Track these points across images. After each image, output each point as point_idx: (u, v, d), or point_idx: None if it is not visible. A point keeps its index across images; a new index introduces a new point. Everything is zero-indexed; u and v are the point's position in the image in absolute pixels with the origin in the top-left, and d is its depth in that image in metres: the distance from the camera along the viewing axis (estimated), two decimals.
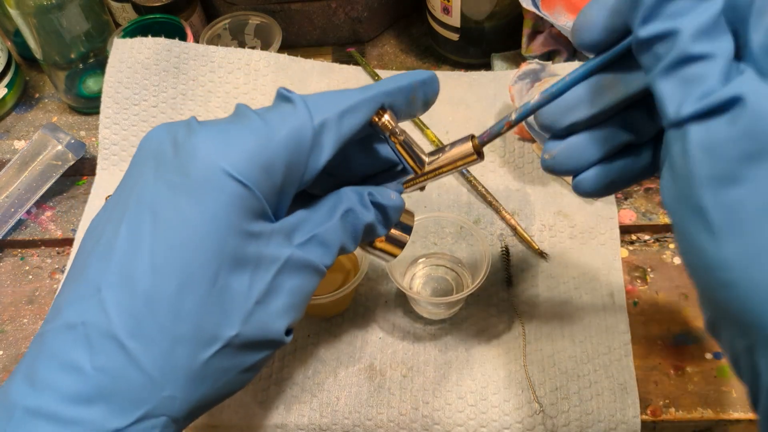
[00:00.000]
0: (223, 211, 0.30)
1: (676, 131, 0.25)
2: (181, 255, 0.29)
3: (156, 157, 0.31)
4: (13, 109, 0.70)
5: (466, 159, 0.36)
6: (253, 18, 0.68)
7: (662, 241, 0.56)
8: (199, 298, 0.29)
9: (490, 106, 0.63)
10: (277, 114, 0.32)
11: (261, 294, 0.31)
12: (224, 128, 0.31)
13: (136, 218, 0.30)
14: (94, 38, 0.66)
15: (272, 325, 0.32)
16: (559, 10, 0.61)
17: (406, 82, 0.34)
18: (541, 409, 0.47)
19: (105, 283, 0.29)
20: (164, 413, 0.29)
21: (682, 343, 0.50)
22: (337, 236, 0.34)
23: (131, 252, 0.29)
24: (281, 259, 0.32)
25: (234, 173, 0.30)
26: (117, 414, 0.28)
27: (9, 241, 0.60)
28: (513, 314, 0.52)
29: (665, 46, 0.26)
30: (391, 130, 0.35)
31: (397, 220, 0.37)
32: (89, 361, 0.28)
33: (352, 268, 0.52)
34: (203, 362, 0.30)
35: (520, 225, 0.56)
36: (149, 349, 0.29)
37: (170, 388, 0.29)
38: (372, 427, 0.47)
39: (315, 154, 0.32)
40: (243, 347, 0.31)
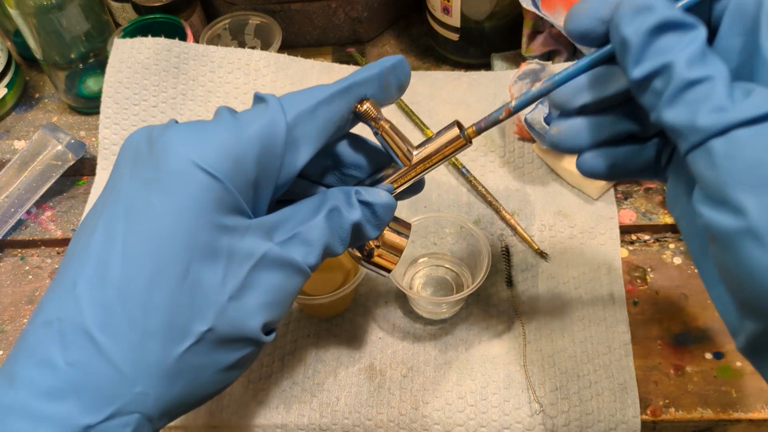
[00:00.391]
0: (193, 202, 0.29)
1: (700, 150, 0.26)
2: (152, 248, 0.29)
3: (133, 156, 0.31)
4: (13, 109, 0.70)
5: (453, 144, 0.35)
6: (253, 18, 0.68)
7: (662, 241, 0.56)
8: (169, 292, 0.29)
9: (490, 106, 0.63)
10: (250, 112, 0.32)
11: (235, 289, 0.31)
12: (197, 125, 0.31)
13: (112, 215, 0.30)
14: (94, 38, 0.66)
15: (247, 321, 0.31)
16: (559, 10, 0.61)
17: (377, 70, 0.34)
18: (541, 409, 0.47)
19: (80, 279, 0.29)
20: (136, 410, 0.29)
21: (682, 343, 0.50)
22: (320, 235, 0.33)
23: (105, 247, 0.30)
24: (257, 255, 0.31)
25: (203, 165, 0.29)
26: (88, 410, 0.28)
27: (9, 241, 0.60)
28: (513, 314, 0.52)
29: (662, 80, 0.27)
30: (373, 117, 0.34)
31: (388, 220, 0.36)
32: (62, 356, 0.28)
33: (352, 268, 0.52)
34: (176, 358, 0.29)
35: (520, 225, 0.56)
36: (119, 344, 0.28)
37: (142, 383, 0.29)
38: (372, 427, 0.47)
39: (292, 150, 0.32)
40: (218, 344, 0.31)
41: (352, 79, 0.34)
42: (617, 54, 0.29)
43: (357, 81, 0.34)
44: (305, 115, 0.32)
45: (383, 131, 0.35)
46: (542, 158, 0.60)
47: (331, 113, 0.33)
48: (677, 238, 0.56)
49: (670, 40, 0.27)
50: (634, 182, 0.59)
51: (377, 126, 0.35)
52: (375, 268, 0.39)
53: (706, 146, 0.26)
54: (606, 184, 0.56)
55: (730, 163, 0.25)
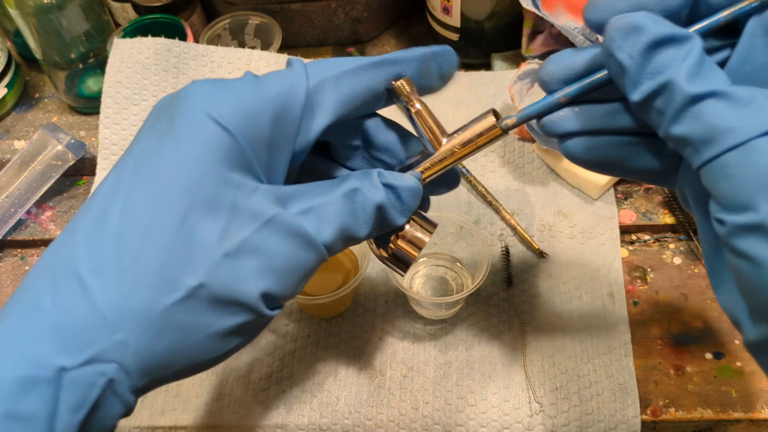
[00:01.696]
0: (199, 151, 0.29)
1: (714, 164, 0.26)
2: (152, 195, 0.29)
3: (156, 114, 0.31)
4: (13, 109, 0.70)
5: (488, 134, 0.34)
6: (253, 18, 0.68)
7: (662, 241, 0.56)
8: (163, 240, 0.28)
9: (490, 106, 0.63)
10: (273, 74, 0.31)
11: (233, 247, 0.29)
12: (217, 82, 0.31)
13: (122, 166, 0.30)
14: (94, 38, 0.66)
15: (242, 284, 0.29)
16: (559, 10, 0.61)
17: (416, 53, 0.33)
18: (541, 409, 0.47)
19: (80, 225, 0.29)
20: (114, 359, 0.28)
21: (682, 343, 0.50)
22: (337, 213, 0.32)
23: (109, 196, 0.29)
24: (263, 217, 0.30)
25: (216, 117, 0.29)
26: (65, 352, 0.27)
27: (9, 241, 0.60)
28: (513, 314, 0.52)
29: (664, 99, 0.27)
30: (406, 94, 0.33)
31: (414, 205, 0.34)
32: (50, 298, 0.28)
33: (352, 268, 0.52)
34: (162, 310, 0.28)
35: (520, 225, 0.56)
36: (107, 288, 0.28)
37: (123, 331, 0.28)
38: (372, 427, 0.47)
39: (311, 115, 0.31)
40: (210, 303, 0.29)
41: (387, 57, 0.33)
42: (614, 78, 0.29)
43: (391, 58, 0.33)
44: (329, 81, 0.31)
45: (416, 112, 0.34)
46: (542, 158, 0.60)
47: (358, 85, 0.32)
48: (677, 238, 0.56)
49: (665, 57, 0.26)
50: (635, 182, 0.59)
51: (410, 106, 0.33)
52: (391, 263, 0.36)
53: (721, 160, 0.25)
54: (606, 184, 0.56)
55: (747, 174, 0.25)
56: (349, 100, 0.32)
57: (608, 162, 0.32)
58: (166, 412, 0.48)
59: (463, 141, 0.34)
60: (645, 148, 0.31)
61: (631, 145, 0.31)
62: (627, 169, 0.32)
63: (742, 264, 0.26)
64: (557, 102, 0.32)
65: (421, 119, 0.34)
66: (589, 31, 0.60)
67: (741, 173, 0.25)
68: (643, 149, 0.31)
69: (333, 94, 0.31)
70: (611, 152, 0.32)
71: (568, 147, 0.32)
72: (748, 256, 0.25)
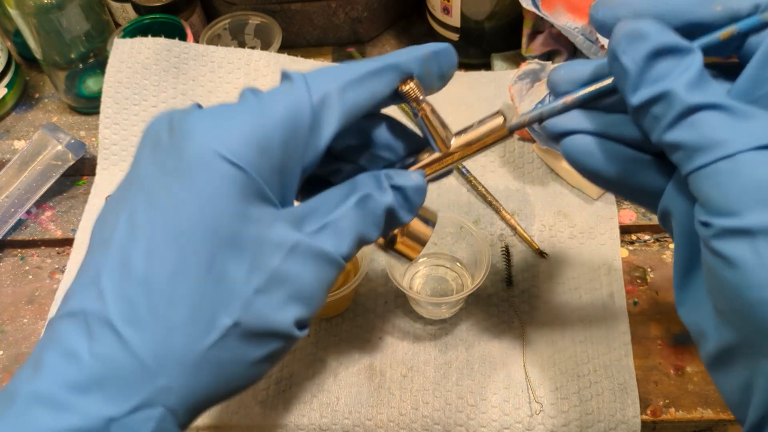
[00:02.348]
0: (217, 193, 0.29)
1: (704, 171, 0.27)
2: (174, 239, 0.29)
3: (153, 143, 0.31)
4: (13, 109, 0.70)
5: (495, 134, 0.34)
6: (253, 18, 0.68)
7: (662, 241, 0.56)
8: (193, 284, 0.29)
9: (490, 106, 0.63)
10: (274, 93, 0.31)
11: (262, 281, 0.30)
12: (219, 110, 0.30)
13: (133, 205, 0.30)
14: (94, 38, 0.66)
15: (275, 315, 0.30)
16: (559, 10, 0.61)
17: (417, 54, 0.33)
18: (541, 409, 0.47)
19: (104, 271, 0.29)
20: (160, 403, 0.29)
21: (682, 343, 0.50)
22: (352, 224, 0.32)
23: (128, 238, 0.29)
24: (286, 245, 0.30)
25: (227, 154, 0.29)
26: (112, 402, 0.28)
27: (9, 241, 0.60)
28: (513, 314, 0.52)
29: (661, 106, 0.27)
30: (415, 98, 0.33)
31: (420, 203, 0.34)
32: (87, 348, 0.28)
33: (352, 268, 0.52)
34: (201, 352, 0.29)
35: (520, 225, 0.56)
36: (143, 336, 0.28)
37: (165, 377, 0.28)
38: (372, 427, 0.47)
39: (316, 132, 0.31)
40: (246, 338, 0.30)
41: (389, 60, 0.32)
42: (616, 81, 0.29)
43: (393, 63, 0.32)
44: (333, 95, 0.31)
45: (424, 114, 0.34)
46: (542, 158, 0.60)
47: (362, 95, 0.32)
48: None
49: (666, 66, 0.27)
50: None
51: (419, 108, 0.33)
52: (396, 254, 0.37)
53: (712, 167, 0.26)
54: None
55: (736, 184, 0.26)
56: (354, 111, 0.32)
57: (605, 171, 0.32)
58: None
59: (470, 141, 0.34)
60: (646, 166, 0.32)
61: (633, 160, 0.32)
62: (623, 184, 0.32)
63: (719, 265, 0.26)
64: (564, 104, 0.32)
65: (430, 121, 0.34)
66: (589, 31, 0.60)
67: (730, 182, 0.26)
68: (643, 167, 0.32)
69: (337, 108, 0.31)
70: (610, 161, 0.32)
71: (569, 144, 0.32)
72: (727, 257, 0.26)
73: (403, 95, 0.33)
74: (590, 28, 0.60)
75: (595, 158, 0.32)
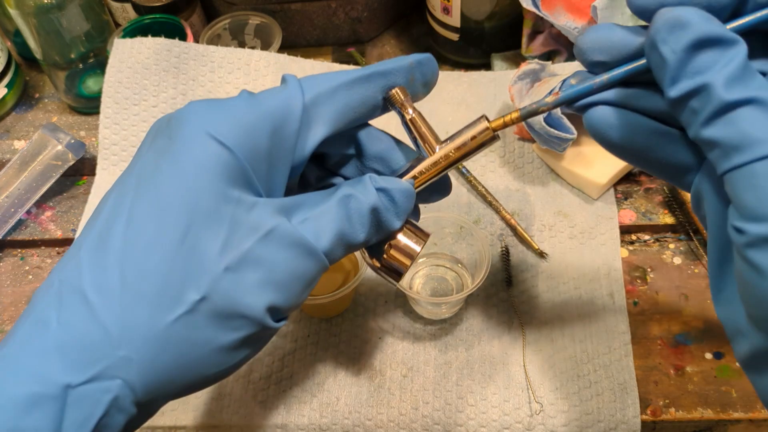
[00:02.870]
0: (199, 169, 0.29)
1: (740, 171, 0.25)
2: (154, 211, 0.29)
3: (154, 133, 0.32)
4: (13, 109, 0.70)
5: (480, 137, 0.34)
6: (253, 18, 0.68)
7: (662, 241, 0.56)
8: (165, 255, 0.29)
9: (490, 106, 0.63)
10: (269, 91, 0.32)
11: (234, 261, 0.30)
12: (214, 101, 0.32)
13: (124, 184, 0.31)
14: (94, 38, 0.66)
15: (245, 297, 0.30)
16: (559, 10, 0.61)
17: (403, 63, 0.34)
18: (541, 409, 0.47)
19: (85, 243, 0.30)
20: (119, 375, 0.28)
21: (682, 343, 0.50)
22: (334, 219, 0.32)
23: (112, 213, 0.30)
24: (263, 229, 0.30)
25: (215, 134, 0.30)
26: (71, 369, 0.28)
27: (9, 241, 0.60)
28: (513, 314, 0.52)
29: (699, 100, 0.26)
30: (400, 102, 0.34)
31: (408, 208, 0.34)
32: (56, 315, 0.28)
33: (352, 268, 0.52)
34: (166, 325, 0.29)
35: (520, 225, 0.56)
36: (110, 305, 0.28)
37: (127, 347, 0.28)
38: (372, 427, 0.47)
39: (308, 129, 0.32)
40: (213, 317, 0.29)
41: (377, 68, 0.34)
42: (653, 70, 0.28)
43: (380, 70, 0.34)
44: (324, 96, 0.32)
45: (410, 120, 0.35)
46: (542, 158, 0.60)
47: (352, 98, 0.33)
48: (677, 238, 0.56)
49: (707, 59, 0.26)
50: (635, 182, 0.59)
51: (405, 113, 0.34)
52: (385, 273, 0.37)
53: (749, 168, 0.25)
54: (606, 184, 0.56)
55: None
56: (344, 113, 0.33)
57: (632, 145, 0.31)
58: (166, 412, 0.48)
59: (457, 145, 0.35)
60: (671, 140, 0.31)
61: (659, 133, 0.31)
62: (648, 157, 0.31)
63: (751, 274, 0.25)
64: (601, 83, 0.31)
65: (415, 126, 0.35)
66: None
67: (767, 185, 0.25)
68: (669, 141, 0.31)
69: (328, 108, 0.32)
70: (637, 135, 0.31)
71: (592, 115, 0.31)
72: (760, 268, 0.25)
73: (390, 100, 0.34)
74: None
75: (619, 131, 0.31)
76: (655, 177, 0.47)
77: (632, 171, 0.59)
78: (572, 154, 0.57)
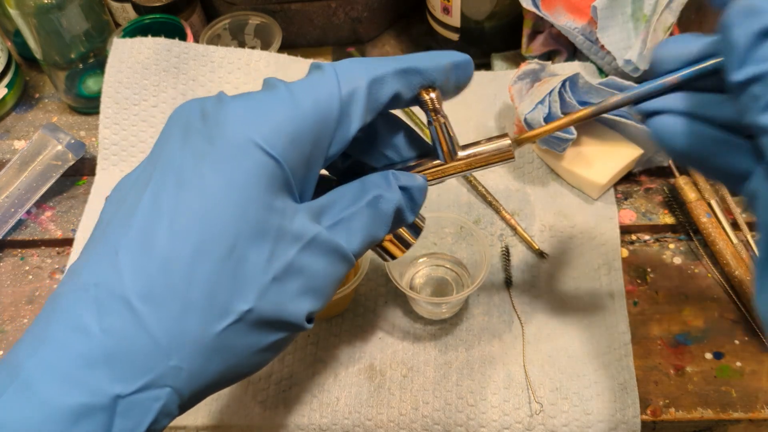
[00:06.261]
0: (248, 181, 0.29)
1: None
2: (201, 221, 0.29)
3: (184, 127, 0.31)
4: (13, 109, 0.70)
5: (501, 155, 0.35)
6: (253, 18, 0.68)
7: (662, 241, 0.56)
8: (213, 266, 0.29)
9: (490, 106, 0.63)
10: (305, 83, 0.31)
11: (280, 271, 0.30)
12: (253, 100, 0.31)
13: (160, 184, 0.30)
14: (94, 38, 0.66)
15: (289, 305, 0.31)
16: (559, 10, 0.61)
17: (442, 62, 0.34)
18: (541, 409, 0.47)
19: (123, 246, 0.29)
20: (169, 384, 0.28)
21: (682, 343, 0.50)
22: (364, 222, 0.33)
23: (152, 216, 0.29)
24: (306, 237, 0.31)
25: (263, 145, 0.29)
26: (120, 379, 0.27)
27: (9, 241, 0.60)
28: (513, 314, 0.52)
29: (761, 86, 0.26)
30: (433, 108, 0.34)
31: (421, 203, 0.36)
32: (98, 322, 0.28)
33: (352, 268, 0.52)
34: (215, 335, 0.29)
35: (520, 225, 0.56)
36: (159, 314, 0.28)
37: (177, 357, 0.28)
38: (372, 427, 0.47)
39: (343, 125, 0.31)
40: (258, 325, 0.30)
41: (415, 63, 0.33)
42: (723, 54, 0.28)
43: (418, 67, 0.33)
44: (360, 91, 0.31)
45: (438, 124, 0.35)
46: (542, 158, 0.60)
47: (385, 92, 0.32)
48: (677, 238, 0.56)
49: None
50: (635, 182, 0.59)
51: (435, 118, 0.34)
52: (382, 251, 0.38)
53: None
54: (606, 184, 0.56)
55: None
56: (376, 108, 0.33)
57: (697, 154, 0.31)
58: None
59: (475, 155, 0.36)
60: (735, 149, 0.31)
61: (723, 142, 0.31)
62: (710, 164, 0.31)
63: None
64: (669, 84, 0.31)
65: (442, 132, 0.35)
66: (589, 31, 0.60)
67: None
68: (733, 150, 0.31)
69: (363, 104, 0.32)
70: (702, 144, 0.31)
71: (658, 124, 0.32)
72: None
73: (423, 103, 0.34)
74: (590, 28, 0.60)
75: (684, 139, 0.31)
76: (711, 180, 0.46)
77: (632, 171, 0.59)
78: (572, 154, 0.57)
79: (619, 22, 0.59)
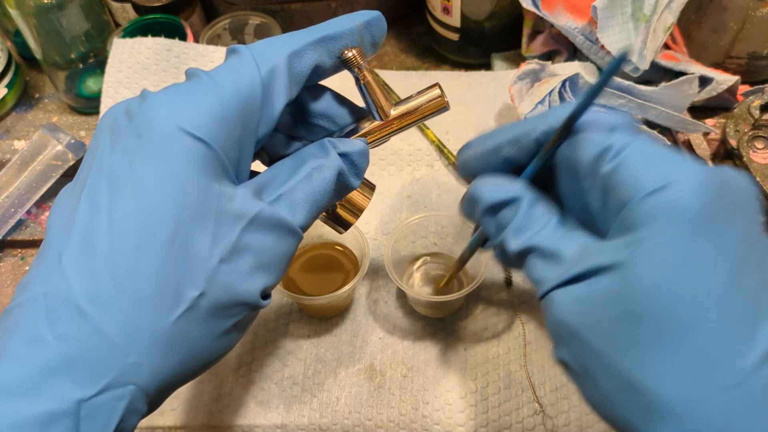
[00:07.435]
0: (180, 167, 0.29)
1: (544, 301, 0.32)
2: (138, 214, 0.29)
3: (111, 129, 0.31)
4: (13, 109, 0.70)
5: (433, 104, 0.36)
6: (253, 18, 0.68)
7: None
8: (158, 257, 0.28)
9: (490, 106, 0.63)
10: (224, 68, 0.32)
11: (226, 252, 0.30)
12: (175, 90, 0.31)
13: (95, 186, 0.30)
14: (94, 38, 0.66)
15: (241, 285, 0.31)
16: (559, 10, 0.61)
17: (353, 25, 0.34)
18: (541, 409, 0.47)
19: (65, 252, 0.29)
20: (131, 381, 0.28)
21: None
22: (307, 193, 0.33)
23: (90, 218, 0.29)
24: (248, 216, 0.31)
25: (189, 129, 0.29)
26: (81, 383, 0.27)
27: (9, 241, 0.60)
28: (513, 314, 0.52)
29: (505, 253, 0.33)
30: (357, 65, 0.34)
31: (365, 167, 0.36)
32: (51, 330, 0.27)
33: (352, 268, 0.52)
34: (169, 325, 0.29)
35: None
36: (110, 314, 0.28)
37: (135, 354, 0.28)
38: (372, 427, 0.47)
39: (268, 103, 0.32)
40: (212, 309, 0.30)
41: (327, 31, 0.34)
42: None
43: (331, 34, 0.34)
44: (280, 67, 0.32)
45: (365, 81, 0.35)
46: None
47: (305, 64, 0.33)
48: None
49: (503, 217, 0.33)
50: None
51: (360, 75, 0.35)
52: (335, 223, 0.39)
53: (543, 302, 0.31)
54: None
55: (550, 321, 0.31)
56: (299, 80, 0.33)
57: None
58: (166, 412, 0.48)
59: (409, 110, 0.36)
60: None
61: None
62: None
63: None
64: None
65: (370, 89, 0.35)
66: (589, 31, 0.60)
67: (548, 317, 0.31)
68: None
69: (285, 79, 0.32)
70: None
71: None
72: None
73: (346, 62, 0.34)
74: (590, 28, 0.60)
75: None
76: None
77: None
78: None
79: (619, 22, 0.59)
